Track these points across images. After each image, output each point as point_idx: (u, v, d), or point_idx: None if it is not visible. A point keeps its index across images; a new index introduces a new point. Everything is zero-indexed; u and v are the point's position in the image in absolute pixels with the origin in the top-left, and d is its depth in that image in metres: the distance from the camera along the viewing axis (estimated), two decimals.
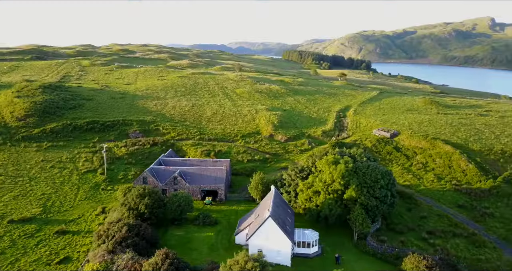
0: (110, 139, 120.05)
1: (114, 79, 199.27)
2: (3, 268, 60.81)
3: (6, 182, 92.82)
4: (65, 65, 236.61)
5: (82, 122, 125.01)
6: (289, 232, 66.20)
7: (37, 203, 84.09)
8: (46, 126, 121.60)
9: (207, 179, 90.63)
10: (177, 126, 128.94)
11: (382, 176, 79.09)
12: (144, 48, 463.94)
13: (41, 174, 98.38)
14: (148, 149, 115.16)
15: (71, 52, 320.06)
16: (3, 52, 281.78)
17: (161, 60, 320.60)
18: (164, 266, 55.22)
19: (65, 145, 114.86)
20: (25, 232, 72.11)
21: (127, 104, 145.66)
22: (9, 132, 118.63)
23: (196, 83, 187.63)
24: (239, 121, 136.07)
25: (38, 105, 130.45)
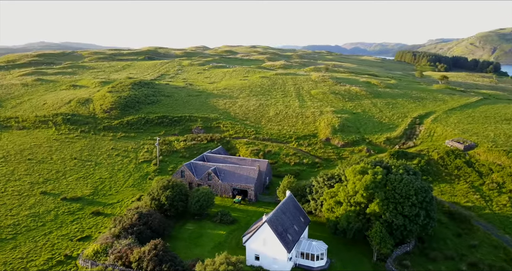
0: (174, 133, 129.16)
1: (202, 78, 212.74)
2: (36, 238, 70.90)
3: (77, 165, 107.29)
4: (167, 65, 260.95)
5: (154, 117, 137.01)
6: (288, 241, 63.06)
7: (92, 185, 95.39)
8: (124, 119, 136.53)
9: (239, 177, 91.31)
10: (236, 124, 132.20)
11: (416, 192, 69.73)
12: (250, 50, 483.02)
13: (106, 160, 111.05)
14: (204, 145, 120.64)
15: (180, 53, 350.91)
16: (123, 53, 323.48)
17: (258, 61, 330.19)
18: (148, 256, 58.02)
19: (135, 136, 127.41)
20: (69, 209, 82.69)
21: (200, 102, 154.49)
22: (95, 122, 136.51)
23: (274, 83, 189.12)
24: (298, 122, 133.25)
25: (122, 99, 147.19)
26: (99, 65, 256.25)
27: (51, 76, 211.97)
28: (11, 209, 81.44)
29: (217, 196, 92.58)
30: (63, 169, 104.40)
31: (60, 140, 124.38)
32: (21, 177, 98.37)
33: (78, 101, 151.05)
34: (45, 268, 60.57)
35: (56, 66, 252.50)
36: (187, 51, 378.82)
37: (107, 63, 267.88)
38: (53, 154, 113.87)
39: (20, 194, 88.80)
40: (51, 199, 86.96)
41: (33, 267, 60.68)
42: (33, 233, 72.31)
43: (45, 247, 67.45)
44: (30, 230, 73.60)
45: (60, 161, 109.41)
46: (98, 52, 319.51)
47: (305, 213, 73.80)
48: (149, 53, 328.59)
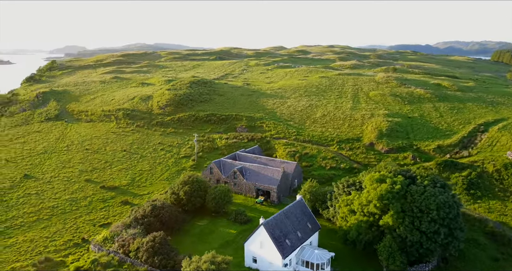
0: (219, 131, 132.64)
1: (263, 78, 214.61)
2: (66, 220, 78.42)
3: (124, 157, 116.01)
4: (234, 65, 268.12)
5: (203, 114, 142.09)
6: (285, 246, 61.31)
7: (130, 176, 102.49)
8: (176, 115, 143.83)
9: (263, 178, 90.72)
10: (279, 125, 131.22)
11: (438, 206, 62.97)
12: (326, 49, 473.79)
13: (151, 154, 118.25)
14: (244, 143, 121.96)
15: (251, 53, 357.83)
16: (198, 53, 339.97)
17: (328, 61, 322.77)
18: (144, 247, 60.84)
19: (183, 132, 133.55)
20: (103, 197, 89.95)
21: (250, 101, 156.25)
22: (150, 117, 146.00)
23: (332, 83, 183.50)
24: (344, 125, 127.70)
25: (177, 97, 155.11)
26: (172, 65, 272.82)
27: (127, 75, 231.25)
28: (56, 193, 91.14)
29: (241, 195, 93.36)
30: (111, 160, 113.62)
31: (117, 133, 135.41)
32: (74, 165, 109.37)
33: (140, 98, 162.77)
34: (61, 248, 66.87)
35: (134, 65, 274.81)
36: (259, 51, 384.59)
37: (180, 62, 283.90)
38: (107, 146, 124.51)
39: (68, 180, 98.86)
40: (92, 186, 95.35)
41: (51, 247, 67.44)
42: (66, 216, 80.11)
43: (70, 229, 74.38)
44: (64, 212, 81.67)
45: (111, 152, 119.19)
46: (174, 53, 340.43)
47: (314, 219, 70.84)
48: (221, 53, 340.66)
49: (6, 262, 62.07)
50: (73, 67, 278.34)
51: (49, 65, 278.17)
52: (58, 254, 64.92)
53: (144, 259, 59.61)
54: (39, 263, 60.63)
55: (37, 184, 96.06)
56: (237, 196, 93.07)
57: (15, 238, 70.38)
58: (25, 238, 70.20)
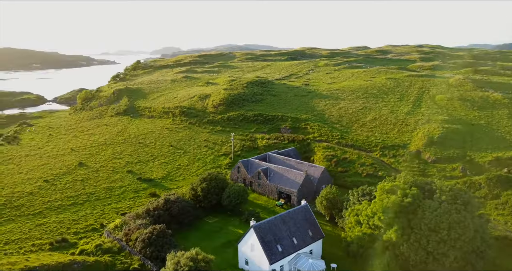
0: (263, 131, 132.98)
1: (327, 79, 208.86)
2: (96, 207, 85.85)
3: (169, 151, 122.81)
4: (302, 65, 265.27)
5: (251, 114, 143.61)
6: (274, 252, 59.80)
7: (168, 170, 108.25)
8: (226, 114, 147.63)
9: (286, 180, 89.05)
10: (324, 127, 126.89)
11: (450, 226, 56.19)
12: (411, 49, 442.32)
13: (195, 150, 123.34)
14: (284, 144, 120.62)
15: (325, 53, 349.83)
16: (271, 54, 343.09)
17: (408, 61, 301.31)
18: (143, 236, 64.20)
19: (229, 130, 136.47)
20: (136, 188, 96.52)
21: (301, 102, 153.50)
22: (203, 115, 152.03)
23: (397, 85, 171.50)
24: (394, 130, 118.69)
25: (230, 97, 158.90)
26: (242, 65, 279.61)
27: (197, 74, 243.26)
28: (98, 181, 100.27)
29: (264, 196, 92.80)
30: (157, 154, 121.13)
31: (170, 129, 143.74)
32: (124, 157, 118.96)
33: (199, 96, 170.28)
34: (81, 231, 73.66)
35: (208, 65, 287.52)
36: (335, 51, 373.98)
37: (251, 63, 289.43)
38: (158, 140, 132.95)
39: (113, 170, 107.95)
40: (130, 177, 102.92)
41: (73, 229, 74.59)
42: (97, 203, 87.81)
43: (96, 215, 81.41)
44: (98, 199, 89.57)
45: (159, 147, 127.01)
46: (249, 53, 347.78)
47: (318, 228, 67.56)
48: (295, 54, 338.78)
49: (31, 238, 70.42)
50: (154, 67, 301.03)
51: (134, 65, 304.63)
52: (76, 236, 71.67)
53: (138, 249, 62.94)
54: (56, 243, 67.61)
55: (86, 171, 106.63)
56: (260, 197, 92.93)
57: (48, 218, 79.37)
58: (56, 219, 78.77)
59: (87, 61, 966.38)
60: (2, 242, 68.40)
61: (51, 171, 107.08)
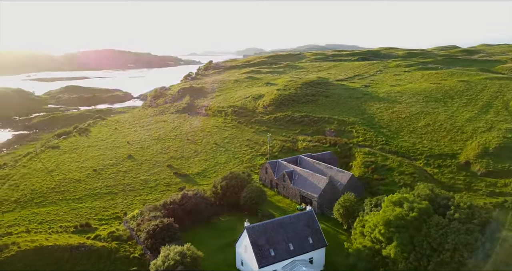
0: (307, 133, 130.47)
1: (392, 80, 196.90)
2: (128, 197, 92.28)
3: (212, 149, 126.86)
4: (371, 66, 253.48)
5: (298, 115, 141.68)
6: (266, 256, 59.00)
7: (204, 167, 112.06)
8: (274, 115, 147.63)
9: (309, 185, 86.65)
10: (369, 131, 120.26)
11: (456, 247, 50.43)
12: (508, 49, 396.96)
13: (235, 148, 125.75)
14: (324, 148, 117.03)
15: (402, 54, 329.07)
16: (342, 54, 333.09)
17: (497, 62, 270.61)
18: (148, 228, 67.76)
19: (274, 131, 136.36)
20: (169, 182, 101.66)
21: (354, 105, 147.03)
22: (252, 115, 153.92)
23: (467, 89, 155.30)
24: (445, 138, 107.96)
25: (281, 97, 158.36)
26: (309, 66, 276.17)
27: (261, 75, 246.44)
28: (139, 173, 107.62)
29: (288, 199, 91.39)
30: (200, 150, 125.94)
31: (219, 127, 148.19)
32: (169, 152, 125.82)
33: (253, 96, 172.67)
34: (105, 218, 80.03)
35: (275, 66, 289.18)
36: (414, 51, 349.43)
37: (318, 63, 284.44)
38: (205, 138, 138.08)
39: (155, 164, 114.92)
40: (168, 171, 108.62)
41: (100, 215, 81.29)
42: (130, 193, 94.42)
43: (124, 204, 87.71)
44: (132, 190, 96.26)
45: (204, 144, 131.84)
46: (319, 54, 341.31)
47: (321, 235, 64.67)
48: (367, 54, 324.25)
49: (62, 221, 78.45)
50: (225, 67, 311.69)
51: (207, 65, 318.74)
52: (99, 222, 78.13)
53: (142, 239, 66.49)
54: (80, 226, 74.48)
55: (132, 164, 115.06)
56: (284, 199, 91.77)
57: (83, 203, 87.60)
58: (89, 205, 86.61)
59: (175, 61, 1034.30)
60: (38, 221, 77.48)
61: (103, 161, 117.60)
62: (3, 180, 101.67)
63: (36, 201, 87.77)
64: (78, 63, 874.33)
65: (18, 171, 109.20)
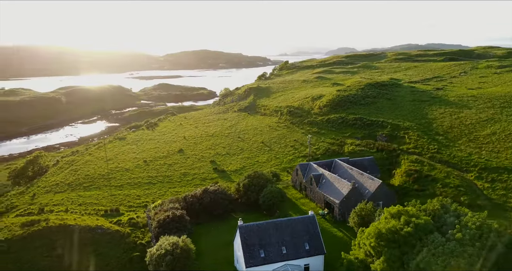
0: (357, 136, 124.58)
1: (475, 83, 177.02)
2: (163, 188, 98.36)
3: (257, 148, 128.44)
4: (458, 67, 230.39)
5: (351, 118, 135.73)
6: (254, 256, 59.10)
7: (243, 164, 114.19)
8: (327, 116, 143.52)
9: (333, 190, 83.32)
10: (423, 138, 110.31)
11: (446, 265, 45.18)
12: None
13: (280, 148, 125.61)
14: (370, 153, 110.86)
15: (501, 53, 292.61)
16: (429, 54, 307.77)
17: None
18: (160, 217, 72.06)
19: (323, 133, 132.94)
20: (205, 177, 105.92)
21: (415, 109, 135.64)
22: (306, 116, 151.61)
23: None
24: (510, 150, 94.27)
25: (338, 98, 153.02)
26: (385, 66, 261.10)
27: (332, 75, 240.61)
28: (181, 167, 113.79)
29: (313, 203, 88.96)
30: (246, 148, 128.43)
31: (272, 127, 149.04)
32: (217, 148, 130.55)
33: (313, 97, 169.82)
34: (134, 206, 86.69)
35: (350, 66, 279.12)
36: None
37: (397, 64, 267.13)
38: (254, 136, 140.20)
39: (200, 159, 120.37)
40: (208, 167, 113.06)
41: (131, 203, 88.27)
42: (167, 185, 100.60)
43: (157, 194, 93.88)
44: (169, 182, 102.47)
45: (252, 142, 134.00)
46: (401, 53, 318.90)
47: (320, 243, 62.11)
48: (458, 54, 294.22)
49: (98, 204, 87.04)
50: (299, 67, 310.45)
51: (282, 65, 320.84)
52: (129, 209, 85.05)
53: (152, 228, 70.83)
54: (109, 211, 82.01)
55: (179, 157, 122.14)
56: (309, 203, 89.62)
57: (122, 190, 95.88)
58: (127, 193, 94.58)
59: (264, 62, 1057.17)
60: (79, 203, 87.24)
61: (156, 153, 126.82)
62: (68, 164, 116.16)
63: (84, 185, 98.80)
64: (176, 63, 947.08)
65: (83, 158, 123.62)
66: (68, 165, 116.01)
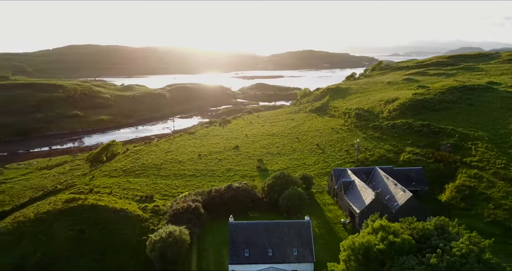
0: (419, 144, 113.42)
1: None
2: (203, 180, 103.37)
3: (310, 150, 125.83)
4: None
5: (418, 124, 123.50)
6: (239, 254, 60.15)
7: (289, 165, 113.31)
8: (393, 121, 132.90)
9: (357, 199, 78.37)
10: (493, 151, 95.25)
11: None
12: None
13: (333, 152, 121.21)
14: (425, 163, 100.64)
15: None
16: None
17: None
18: (176, 208, 76.81)
19: (385, 138, 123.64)
20: (247, 174, 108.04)
21: (499, 116, 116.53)
22: (372, 120, 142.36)
23: None
24: None
25: (410, 102, 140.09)
26: (491, 68, 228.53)
27: (423, 77, 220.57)
28: (229, 162, 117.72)
29: (340, 211, 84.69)
30: (298, 149, 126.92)
31: (334, 129, 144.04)
32: (271, 147, 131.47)
33: (387, 100, 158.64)
34: (168, 194, 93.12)
35: (448, 67, 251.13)
36: None
37: (510, 65, 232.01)
38: (312, 138, 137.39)
39: (249, 156, 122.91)
40: (254, 164, 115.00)
41: (166, 192, 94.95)
42: (208, 178, 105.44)
43: (194, 186, 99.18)
44: (211, 176, 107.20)
45: (307, 144, 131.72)
46: None
47: (311, 250, 59.53)
48: None
49: (138, 190, 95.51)
50: (393, 68, 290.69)
51: (375, 66, 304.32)
52: (162, 197, 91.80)
53: (166, 217, 75.71)
54: (144, 197, 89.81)
55: (231, 154, 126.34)
56: (337, 210, 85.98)
57: (166, 180, 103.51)
58: (169, 182, 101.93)
59: (370, 62, 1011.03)
60: (123, 187, 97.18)
61: (213, 149, 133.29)
62: (134, 153, 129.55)
63: (137, 172, 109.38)
64: (279, 63, 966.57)
65: (149, 148, 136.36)
66: (134, 153, 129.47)
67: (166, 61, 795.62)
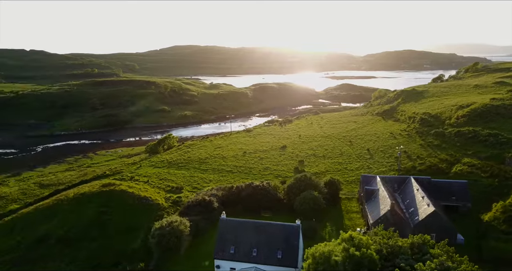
0: (479, 156, 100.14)
1: None
2: (237, 177, 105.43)
3: (358, 154, 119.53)
4: None
5: (485, 133, 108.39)
6: (224, 250, 60.66)
7: (329, 168, 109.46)
8: (458, 128, 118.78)
9: (376, 208, 73.21)
10: None
11: None
12: None
13: (381, 158, 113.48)
14: (478, 177, 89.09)
15: None
16: None
17: None
18: (191, 200, 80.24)
19: (444, 147, 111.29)
20: (281, 174, 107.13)
21: None
22: (437, 127, 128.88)
23: None
24: None
25: (482, 108, 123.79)
26: None
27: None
28: (270, 161, 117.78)
29: (362, 219, 79.62)
30: (346, 153, 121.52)
31: (393, 134, 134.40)
32: (318, 149, 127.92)
33: (461, 105, 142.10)
34: (198, 187, 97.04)
35: None
36: None
37: None
38: (366, 142, 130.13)
39: (292, 157, 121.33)
40: (293, 165, 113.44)
41: (197, 184, 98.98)
42: (243, 175, 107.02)
43: (225, 181, 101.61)
44: (247, 173, 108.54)
45: (359, 148, 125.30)
46: None
47: (294, 255, 57.38)
48: None
49: (173, 182, 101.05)
50: (490, 69, 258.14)
51: (470, 67, 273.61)
52: (191, 189, 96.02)
53: (182, 208, 79.34)
54: (175, 188, 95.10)
55: (276, 153, 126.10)
56: (359, 219, 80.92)
57: (203, 174, 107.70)
58: (204, 176, 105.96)
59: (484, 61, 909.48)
60: (161, 177, 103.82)
61: (260, 147, 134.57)
62: (187, 147, 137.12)
63: (180, 165, 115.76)
64: (374, 64, 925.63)
65: (203, 143, 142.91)
66: (186, 147, 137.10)
67: (261, 61, 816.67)
